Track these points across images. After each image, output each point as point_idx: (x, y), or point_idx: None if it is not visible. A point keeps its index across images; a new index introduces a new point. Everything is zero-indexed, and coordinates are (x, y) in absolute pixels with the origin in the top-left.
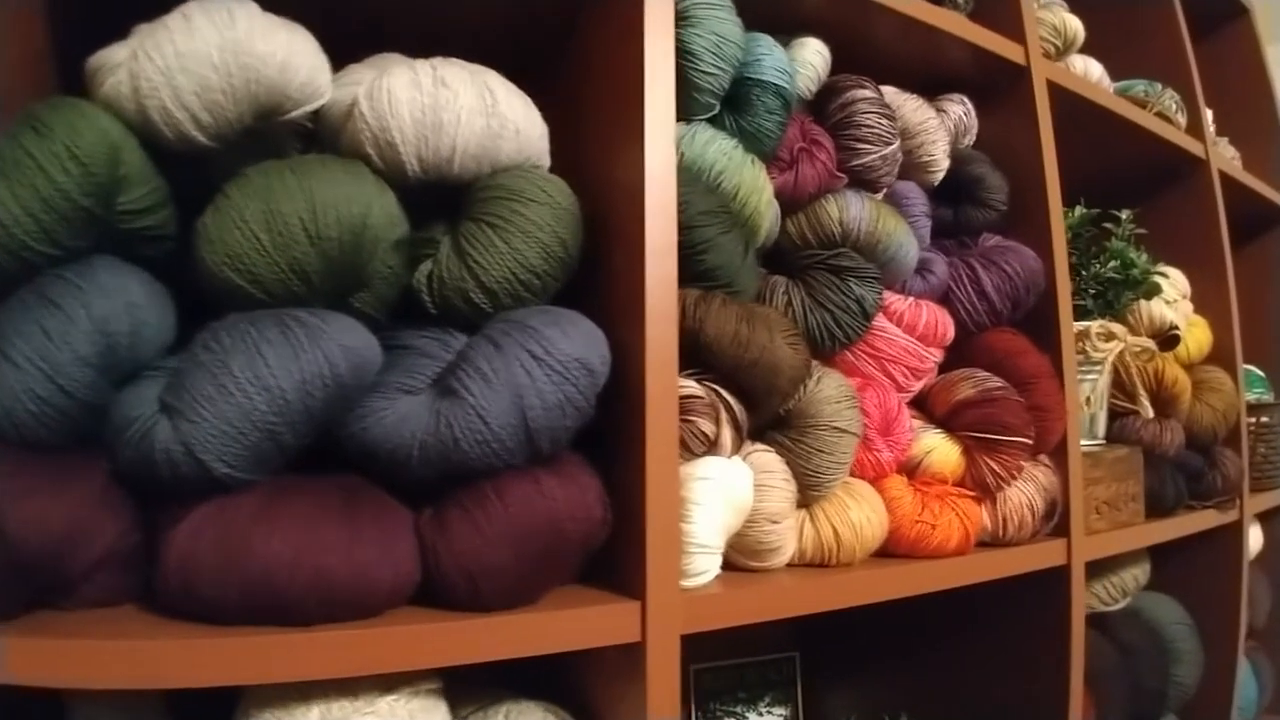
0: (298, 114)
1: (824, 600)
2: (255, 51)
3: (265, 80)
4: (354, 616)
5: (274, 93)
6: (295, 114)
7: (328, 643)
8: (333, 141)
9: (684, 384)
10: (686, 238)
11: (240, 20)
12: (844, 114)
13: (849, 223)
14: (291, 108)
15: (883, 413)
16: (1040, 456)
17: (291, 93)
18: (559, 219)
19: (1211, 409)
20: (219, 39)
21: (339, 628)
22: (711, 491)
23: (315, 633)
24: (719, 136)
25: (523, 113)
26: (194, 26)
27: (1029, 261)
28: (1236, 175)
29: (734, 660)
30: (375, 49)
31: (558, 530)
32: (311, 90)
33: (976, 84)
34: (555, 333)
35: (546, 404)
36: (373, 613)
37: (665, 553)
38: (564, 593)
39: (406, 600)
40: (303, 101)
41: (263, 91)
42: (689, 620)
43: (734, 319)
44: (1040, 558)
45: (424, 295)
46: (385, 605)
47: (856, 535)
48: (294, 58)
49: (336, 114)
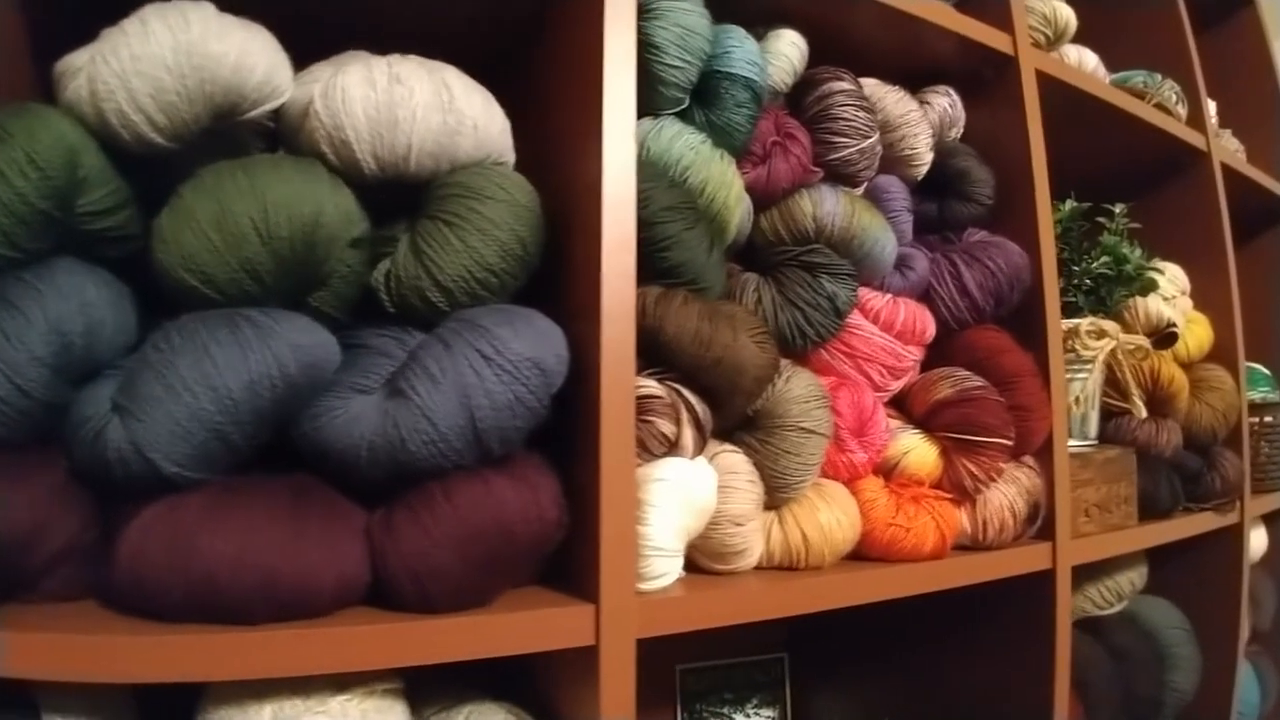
0: (257, 113)
1: (790, 605)
2: (209, 52)
3: (220, 81)
4: (300, 616)
5: (230, 93)
6: (254, 113)
7: (271, 642)
8: (292, 140)
9: (643, 383)
10: (649, 234)
11: (195, 23)
12: (820, 107)
13: (823, 218)
14: (249, 107)
15: (856, 413)
16: (1024, 458)
17: (248, 92)
18: (518, 217)
19: (1211, 409)
20: (173, 41)
21: (284, 627)
22: (669, 493)
23: (258, 632)
24: (686, 131)
25: (481, 108)
26: (149, 30)
27: (1014, 257)
28: (1240, 168)
29: (721, 661)
30: (346, 48)
31: (506, 532)
32: (269, 89)
33: (964, 75)
34: (507, 332)
35: (495, 404)
36: (319, 613)
37: (620, 555)
38: (519, 594)
39: (358, 601)
40: (260, 101)
41: (218, 92)
42: (645, 624)
43: (696, 317)
44: (1023, 562)
45: (382, 294)
46: (332, 606)
47: (826, 538)
48: (248, 57)
49: (295, 113)
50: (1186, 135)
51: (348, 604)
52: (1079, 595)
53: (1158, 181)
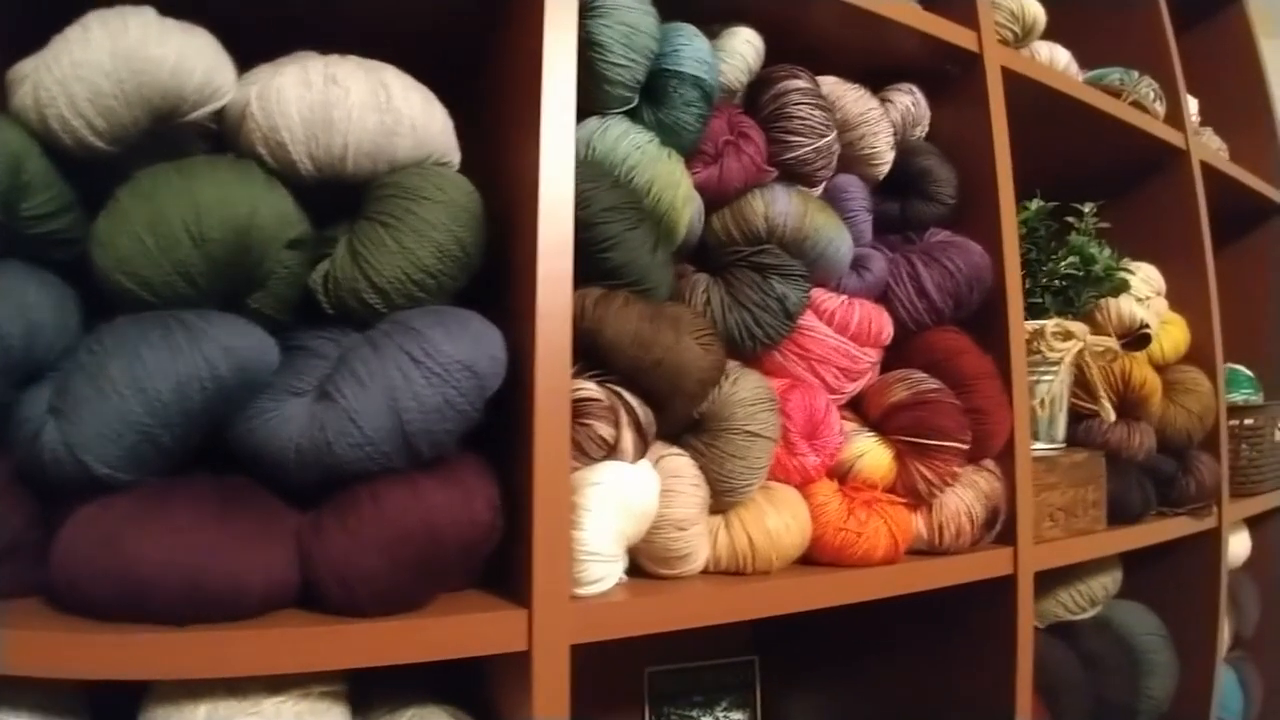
0: (198, 115)
1: (734, 610)
2: (147, 56)
3: (158, 84)
4: (227, 618)
5: (168, 96)
6: (195, 115)
7: (196, 643)
8: (233, 142)
9: (582, 386)
10: (590, 234)
11: (134, 28)
12: (776, 105)
13: (774, 218)
14: (189, 110)
15: (807, 415)
16: (984, 461)
17: (187, 95)
18: (455, 218)
19: (1186, 411)
20: (111, 46)
21: (211, 629)
22: (606, 497)
23: (185, 633)
24: (633, 130)
25: (420, 108)
26: (90, 36)
27: (974, 257)
28: (1221, 167)
29: (691, 663)
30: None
31: (434, 535)
32: (209, 91)
33: (928, 73)
34: (439, 334)
35: (424, 407)
36: (247, 615)
37: (553, 560)
38: (454, 598)
39: (289, 604)
40: (200, 103)
41: (156, 95)
42: (580, 629)
43: (636, 318)
44: (983, 568)
45: (320, 295)
46: (260, 608)
47: (773, 543)
48: (186, 60)
49: (236, 114)
50: (1164, 133)
51: (278, 606)
52: (1050, 600)
53: (1135, 181)
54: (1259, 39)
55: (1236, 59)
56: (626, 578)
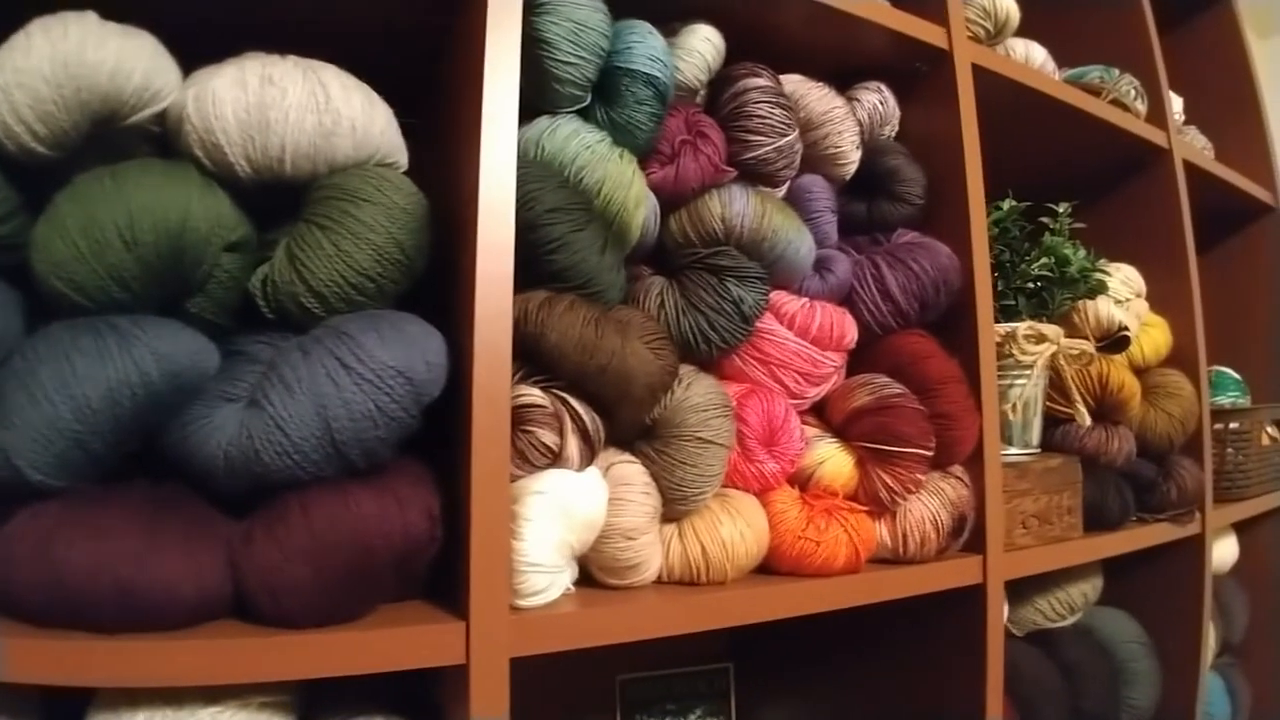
0: (139, 118)
1: (684, 622)
2: (85, 61)
3: (96, 89)
4: (157, 627)
5: (108, 100)
6: (136, 118)
7: (124, 651)
8: (174, 144)
9: (525, 392)
10: (534, 236)
11: (74, 34)
12: (735, 104)
13: (731, 219)
14: (129, 113)
15: (766, 421)
16: (952, 468)
17: (125, 98)
18: (394, 219)
19: (1167, 415)
20: (51, 52)
21: (146, 638)
22: (547, 506)
23: (118, 641)
24: (584, 129)
25: (361, 108)
26: (32, 44)
27: (941, 259)
28: (1206, 166)
29: (663, 671)
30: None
31: (364, 546)
32: (149, 95)
33: (898, 71)
34: (371, 339)
35: (354, 414)
36: (178, 624)
37: (491, 571)
38: (395, 609)
39: (223, 614)
40: (139, 106)
41: (95, 100)
42: (520, 642)
43: (581, 322)
44: (951, 577)
45: (259, 300)
46: (191, 618)
47: (727, 553)
48: (125, 64)
49: (176, 116)
50: (1145, 132)
51: (210, 616)
52: (1028, 607)
53: (1117, 180)
54: (1252, 39)
55: (1225, 57)
56: (574, 588)
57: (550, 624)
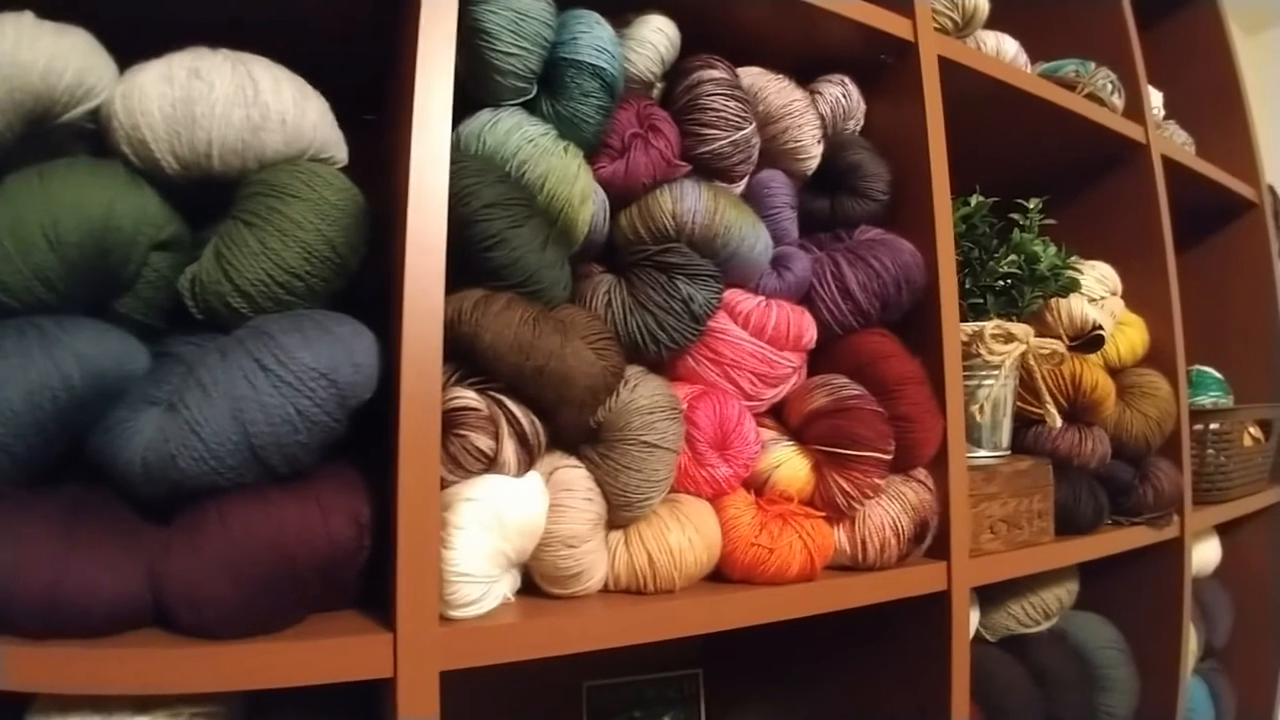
0: (72, 116)
1: (627, 633)
2: (17, 61)
3: (28, 88)
4: (73, 634)
5: (40, 99)
6: (69, 116)
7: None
8: (105, 141)
9: (459, 395)
10: (471, 233)
11: (7, 34)
12: (689, 97)
13: (682, 215)
14: (61, 111)
15: (718, 424)
16: (916, 471)
17: (57, 96)
18: (324, 216)
19: (1143, 416)
20: None
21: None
22: (479, 514)
23: (39, 647)
24: (527, 122)
25: (292, 101)
26: None
27: (903, 256)
28: (1186, 161)
29: (632, 677)
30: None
31: (284, 555)
32: (81, 92)
33: (863, 64)
34: (294, 340)
35: (272, 419)
36: (94, 632)
37: (419, 582)
38: (325, 620)
39: (146, 622)
40: (71, 104)
41: (27, 99)
42: (450, 655)
43: (518, 322)
44: (914, 584)
45: (188, 299)
46: (111, 626)
47: (675, 561)
48: (57, 62)
49: (106, 113)
50: (1122, 127)
51: (132, 625)
52: (1001, 612)
53: (1093, 176)
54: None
55: (1208, 52)
56: (513, 598)
57: (483, 636)
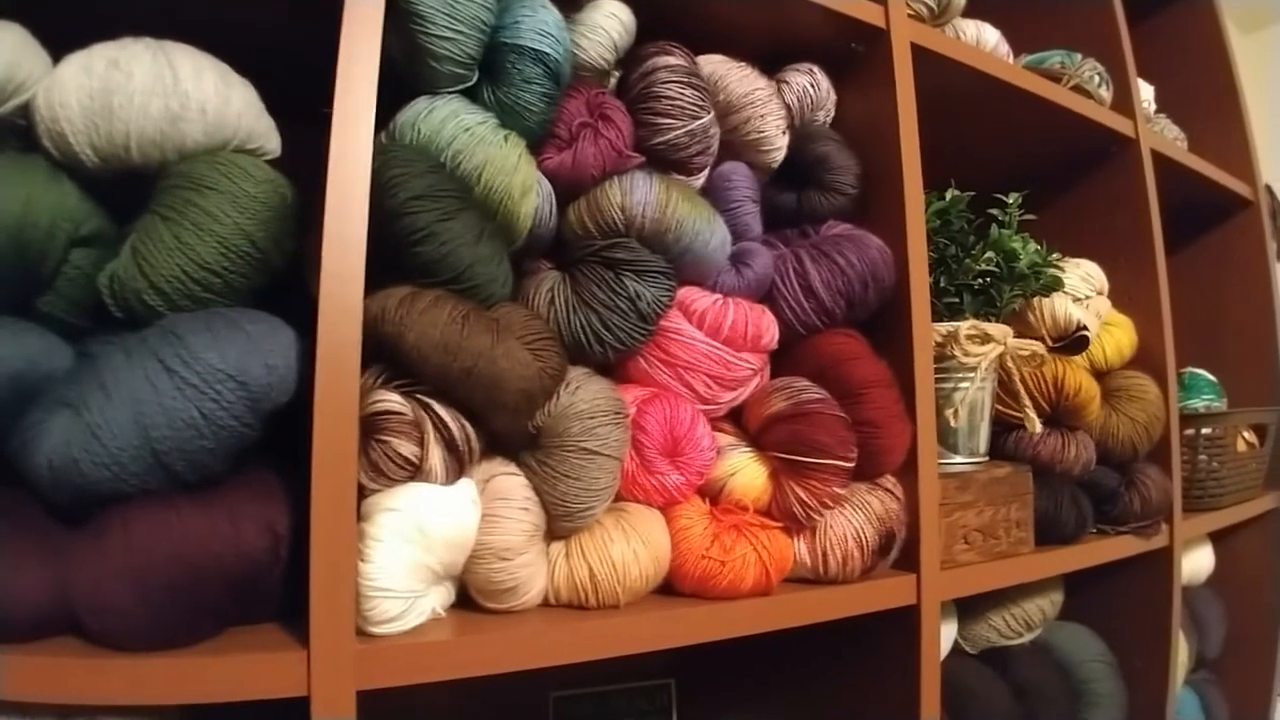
0: (2, 112)
1: (564, 652)
2: None
3: None
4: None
5: None
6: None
7: None
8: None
9: (382, 398)
10: (398, 226)
11: None
12: (643, 85)
13: (632, 208)
14: None
15: (668, 429)
16: (882, 479)
17: None
18: (242, 209)
19: (1130, 420)
20: None
21: None
22: (399, 525)
23: None
24: (464, 111)
25: (214, 89)
26: None
27: (870, 252)
28: (1177, 157)
29: (601, 688)
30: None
31: (189, 565)
32: (12, 87)
33: (836, 53)
34: (202, 340)
35: (174, 422)
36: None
37: (334, 596)
38: (241, 635)
39: (62, 630)
40: (2, 99)
41: None
42: (369, 674)
43: (445, 320)
44: (880, 598)
45: (107, 297)
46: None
47: (617, 574)
48: None
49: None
50: (1110, 120)
51: (45, 633)
52: (981, 623)
53: (1080, 172)
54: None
55: (1202, 47)
56: (442, 612)
57: (405, 654)
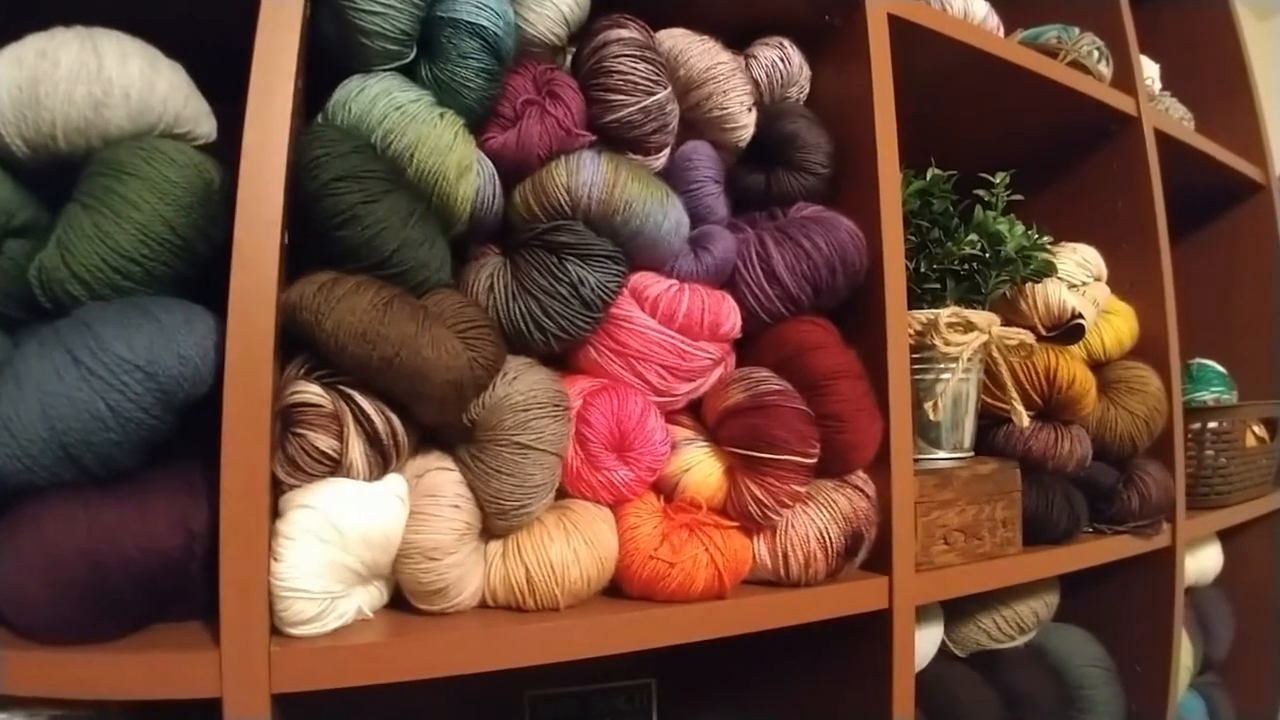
0: None
1: (499, 657)
2: None
3: None
4: None
5: None
6: None
7: None
8: None
9: (301, 389)
10: (319, 208)
11: None
12: (594, 60)
13: (578, 188)
14: None
15: (615, 423)
16: (853, 476)
17: None
18: (162, 195)
19: (1129, 414)
20: None
21: None
22: (312, 523)
23: None
24: (397, 88)
25: (139, 74)
26: None
27: (839, 235)
28: (1183, 137)
29: (579, 687)
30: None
31: (96, 561)
32: None
33: (808, 26)
34: (111, 330)
35: (80, 414)
36: None
37: (246, 596)
38: (163, 632)
39: None
40: None
41: None
42: (286, 677)
43: (366, 307)
44: (847, 602)
45: (36, 288)
46: None
47: (555, 576)
48: None
49: None
50: (1110, 98)
51: None
52: (970, 626)
53: (1079, 152)
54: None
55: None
56: (369, 613)
57: (326, 657)
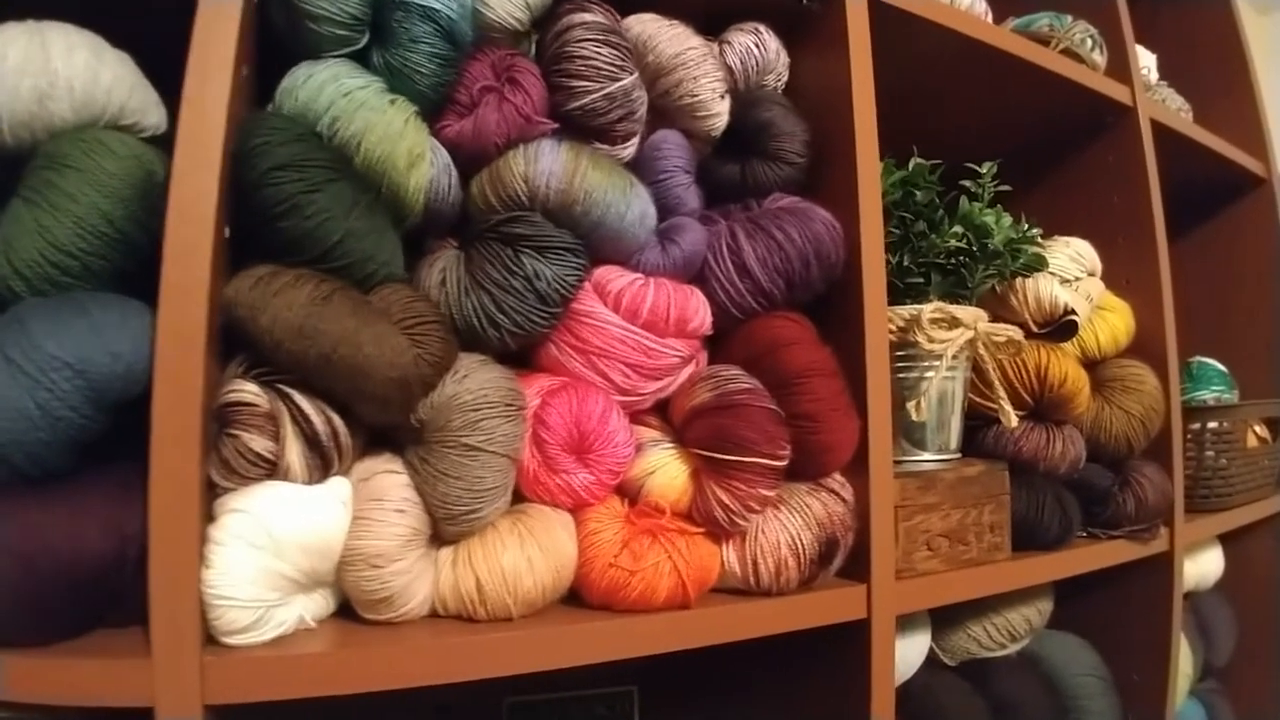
0: None
1: (446, 670)
2: None
3: None
4: None
5: None
6: None
7: None
8: None
9: (236, 388)
10: (258, 198)
11: None
12: (557, 45)
13: (535, 178)
14: None
15: (573, 424)
16: (829, 479)
17: None
18: (100, 187)
19: (1125, 413)
20: None
21: None
22: (244, 528)
23: None
24: (346, 75)
25: (84, 66)
26: None
27: (814, 226)
28: (1181, 129)
29: (559, 694)
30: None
31: (24, 564)
32: None
33: (786, 11)
34: (41, 327)
35: (8, 413)
36: None
37: (175, 603)
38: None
39: None
40: None
41: None
42: (219, 688)
43: (304, 301)
44: (823, 612)
45: None
46: None
47: (507, 585)
48: None
49: None
50: (1104, 87)
51: None
52: (959, 633)
53: (1072, 144)
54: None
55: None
56: (312, 622)
57: (263, 667)
